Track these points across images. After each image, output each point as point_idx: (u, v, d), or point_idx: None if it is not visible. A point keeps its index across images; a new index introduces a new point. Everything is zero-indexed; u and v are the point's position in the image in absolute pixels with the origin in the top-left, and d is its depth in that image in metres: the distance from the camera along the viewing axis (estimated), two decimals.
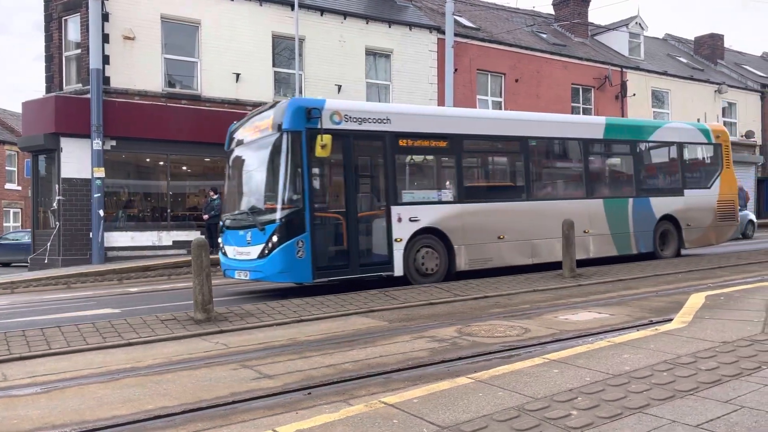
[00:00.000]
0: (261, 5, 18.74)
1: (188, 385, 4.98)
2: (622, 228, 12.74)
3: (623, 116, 25.56)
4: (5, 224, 36.75)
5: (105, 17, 16.57)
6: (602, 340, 5.45)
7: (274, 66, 18.99)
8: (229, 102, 18.14)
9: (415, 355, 5.71)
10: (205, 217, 16.56)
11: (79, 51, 17.26)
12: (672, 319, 6.20)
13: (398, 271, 9.90)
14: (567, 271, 10.38)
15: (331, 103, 9.70)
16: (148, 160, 18.09)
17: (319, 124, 9.14)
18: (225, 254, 10.37)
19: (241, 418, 4.15)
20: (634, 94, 26.74)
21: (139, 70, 17.06)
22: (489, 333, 6.58)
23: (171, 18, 17.60)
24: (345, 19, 20.04)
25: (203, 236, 10.18)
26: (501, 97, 23.34)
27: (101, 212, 16.08)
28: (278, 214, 9.11)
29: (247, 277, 9.82)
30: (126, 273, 14.31)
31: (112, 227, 16.73)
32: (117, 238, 16.69)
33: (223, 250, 10.42)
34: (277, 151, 9.32)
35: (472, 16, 25.36)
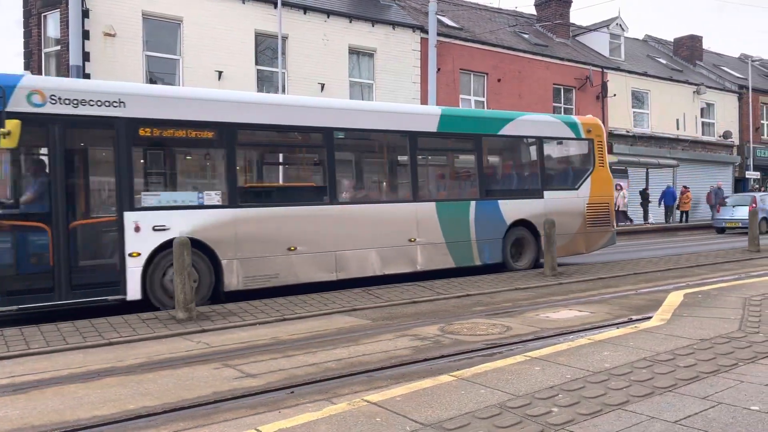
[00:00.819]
0: (244, 3, 18.61)
1: (170, 384, 4.95)
2: (461, 236, 10.92)
3: (604, 117, 25.81)
4: None
5: (85, 13, 16.36)
6: (583, 338, 5.53)
7: (256, 64, 18.87)
8: None
9: (398, 354, 5.74)
10: None
11: (58, 47, 17.03)
12: (651, 317, 6.30)
13: (133, 293, 8.02)
14: (548, 269, 10.55)
15: (30, 80, 7.80)
16: None
17: (1, 106, 7.31)
18: None
19: (223, 418, 4.14)
20: (615, 95, 27.02)
21: (120, 67, 16.85)
22: (471, 331, 6.63)
23: (152, 15, 17.43)
24: (328, 17, 19.99)
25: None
26: (484, 96, 23.46)
27: None
28: None
29: None
30: None
31: None
32: None
33: None
34: None
35: (455, 16, 25.44)
